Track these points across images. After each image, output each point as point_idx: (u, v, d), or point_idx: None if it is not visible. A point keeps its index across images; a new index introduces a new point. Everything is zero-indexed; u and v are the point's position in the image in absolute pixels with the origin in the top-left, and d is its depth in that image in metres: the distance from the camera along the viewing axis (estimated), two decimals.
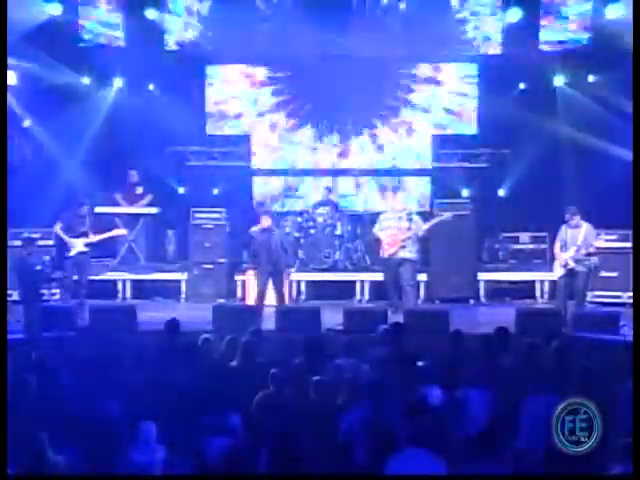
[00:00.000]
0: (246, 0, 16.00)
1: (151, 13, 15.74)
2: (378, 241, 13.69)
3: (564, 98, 15.81)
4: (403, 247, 13.29)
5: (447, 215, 13.75)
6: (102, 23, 15.82)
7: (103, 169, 15.41)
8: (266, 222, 13.16)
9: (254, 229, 13.25)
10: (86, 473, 6.90)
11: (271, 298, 13.30)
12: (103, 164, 15.46)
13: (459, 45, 16.18)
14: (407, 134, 16.60)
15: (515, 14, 15.54)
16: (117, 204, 15.33)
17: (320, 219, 15.27)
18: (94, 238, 13.29)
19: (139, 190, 15.57)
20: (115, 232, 13.92)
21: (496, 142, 16.20)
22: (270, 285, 13.24)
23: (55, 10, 14.90)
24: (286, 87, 16.59)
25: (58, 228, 13.23)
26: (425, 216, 14.27)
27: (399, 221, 13.44)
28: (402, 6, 16.07)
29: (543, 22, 15.70)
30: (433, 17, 15.79)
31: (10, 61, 13.51)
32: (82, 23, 15.63)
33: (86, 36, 15.69)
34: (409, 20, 15.98)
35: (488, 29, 16.05)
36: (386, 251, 13.40)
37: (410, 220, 13.44)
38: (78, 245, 13.11)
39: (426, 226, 13.50)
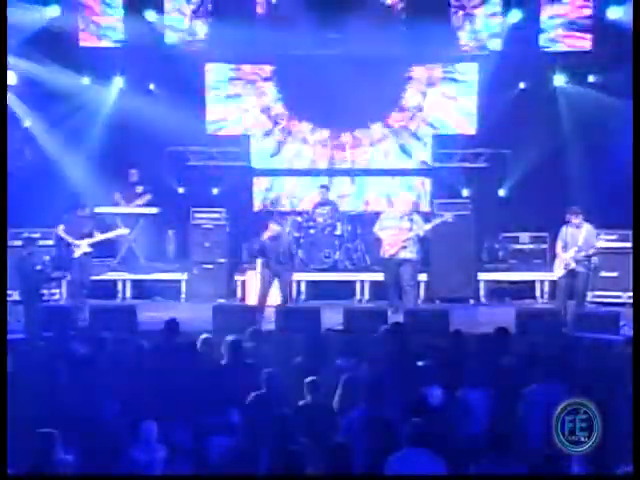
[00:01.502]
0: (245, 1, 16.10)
1: (150, 15, 15.76)
2: (378, 241, 13.66)
3: (564, 98, 15.81)
4: (404, 247, 13.24)
5: (448, 216, 13.70)
6: (102, 24, 15.83)
7: (103, 169, 15.38)
8: (275, 229, 13.26)
9: (264, 237, 13.28)
10: (87, 473, 6.90)
11: (271, 298, 13.33)
12: (103, 164, 15.44)
13: (459, 45, 16.22)
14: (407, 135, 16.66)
15: (515, 15, 15.58)
16: (116, 203, 15.33)
17: (320, 219, 15.26)
18: (97, 237, 13.31)
19: (139, 189, 15.58)
20: (117, 232, 13.93)
21: (496, 142, 16.19)
22: (275, 285, 13.30)
23: (54, 12, 14.91)
24: (286, 86, 16.62)
25: (61, 230, 13.21)
26: (427, 216, 14.25)
27: (400, 221, 13.38)
28: (401, 6, 16.14)
29: (543, 22, 15.75)
30: (433, 17, 15.82)
31: (10, 61, 13.51)
32: (82, 24, 15.64)
33: (86, 36, 15.69)
34: (409, 20, 16.05)
35: (488, 29, 16.10)
36: (387, 251, 13.35)
37: (411, 220, 13.39)
38: (82, 246, 13.13)
39: (428, 227, 13.45)
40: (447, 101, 16.53)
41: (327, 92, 15.74)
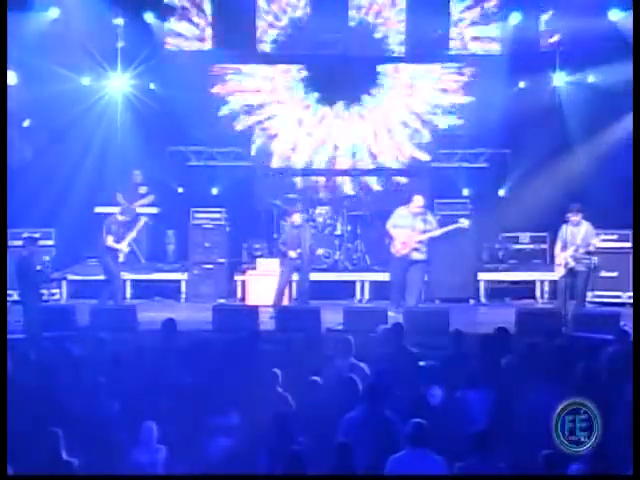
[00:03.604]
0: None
1: (149, 17, 15.80)
2: (380, 238, 13.53)
3: (564, 98, 15.81)
4: (416, 249, 13.11)
5: (465, 222, 13.51)
6: (102, 23, 15.86)
7: (103, 169, 15.38)
8: (297, 219, 13.46)
9: (287, 225, 13.42)
10: (87, 473, 6.90)
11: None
12: (103, 164, 15.44)
13: (459, 45, 16.30)
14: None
15: (515, 17, 15.66)
16: (118, 204, 15.31)
17: (320, 219, 15.27)
18: (131, 235, 13.38)
19: (142, 190, 15.57)
20: (141, 222, 13.89)
21: (496, 142, 16.19)
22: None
23: (54, 14, 14.94)
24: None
25: (111, 241, 13.10)
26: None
27: (414, 220, 13.19)
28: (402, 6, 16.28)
29: (543, 22, 15.79)
30: (432, 18, 15.93)
31: (11, 62, 13.51)
32: (82, 24, 15.65)
33: (87, 36, 15.71)
34: (408, 21, 16.17)
35: (488, 29, 16.16)
36: (398, 250, 13.12)
37: (425, 221, 13.21)
38: (124, 249, 13.16)
39: (442, 231, 13.29)
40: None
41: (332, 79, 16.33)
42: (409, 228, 13.12)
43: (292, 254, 13.29)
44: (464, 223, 13.43)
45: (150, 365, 9.03)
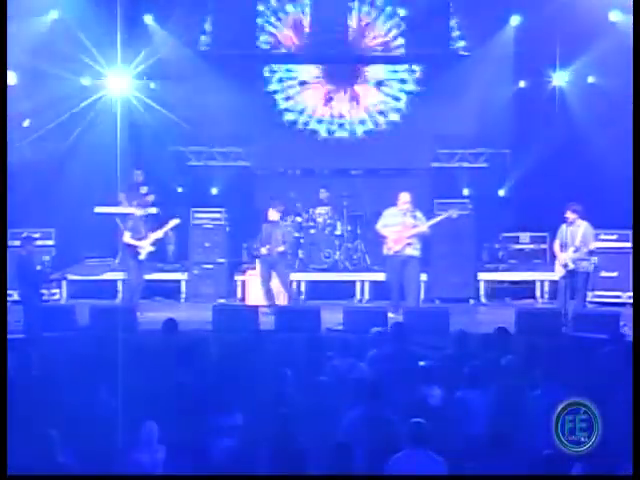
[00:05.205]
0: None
1: (149, 19, 15.82)
2: (380, 238, 13.58)
3: (564, 97, 15.82)
4: (409, 244, 13.13)
5: (453, 212, 13.57)
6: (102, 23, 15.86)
7: (103, 169, 15.36)
8: (272, 215, 13.54)
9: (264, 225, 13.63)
10: (87, 473, 6.90)
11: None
12: (103, 164, 15.41)
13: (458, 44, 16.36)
14: None
15: (515, 19, 15.69)
16: (119, 203, 15.32)
17: (320, 219, 15.27)
18: (157, 234, 13.42)
19: (143, 190, 15.58)
20: (172, 223, 13.85)
21: (496, 142, 16.19)
22: (275, 281, 13.44)
23: (53, 16, 14.96)
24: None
25: (129, 237, 13.22)
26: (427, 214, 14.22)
27: (403, 217, 13.24)
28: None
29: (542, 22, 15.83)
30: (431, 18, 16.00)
31: (11, 63, 13.52)
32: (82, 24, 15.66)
33: (86, 36, 15.72)
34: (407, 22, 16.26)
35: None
36: (392, 248, 13.14)
37: (414, 217, 13.27)
38: (147, 247, 13.17)
39: (432, 222, 13.34)
40: None
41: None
42: (400, 225, 13.16)
43: (263, 250, 13.44)
44: (452, 213, 13.48)
45: (150, 365, 9.03)
